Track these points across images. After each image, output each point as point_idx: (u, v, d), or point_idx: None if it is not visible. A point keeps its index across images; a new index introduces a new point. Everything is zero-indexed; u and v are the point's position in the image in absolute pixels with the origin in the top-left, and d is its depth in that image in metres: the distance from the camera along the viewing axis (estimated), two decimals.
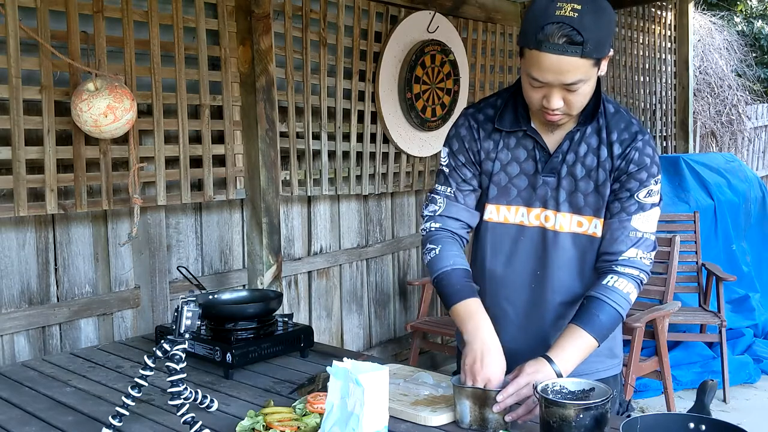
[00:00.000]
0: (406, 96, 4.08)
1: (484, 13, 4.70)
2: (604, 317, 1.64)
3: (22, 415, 1.82)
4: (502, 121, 1.76)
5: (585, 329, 1.63)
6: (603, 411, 1.45)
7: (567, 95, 1.58)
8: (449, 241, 1.82)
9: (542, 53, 1.51)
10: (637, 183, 1.67)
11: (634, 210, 1.68)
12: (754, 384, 4.46)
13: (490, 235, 1.81)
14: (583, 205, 1.71)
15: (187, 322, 1.61)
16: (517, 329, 1.80)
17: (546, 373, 1.59)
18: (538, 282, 1.77)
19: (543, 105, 1.61)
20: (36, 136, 2.62)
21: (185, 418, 1.59)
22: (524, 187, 1.75)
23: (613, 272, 1.68)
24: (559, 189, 1.72)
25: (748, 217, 5.59)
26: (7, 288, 2.70)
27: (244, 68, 3.23)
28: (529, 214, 1.75)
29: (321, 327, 3.96)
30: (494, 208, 1.79)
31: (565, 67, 1.52)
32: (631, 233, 1.68)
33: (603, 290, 1.66)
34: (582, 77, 1.54)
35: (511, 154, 1.76)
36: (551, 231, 1.73)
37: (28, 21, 2.56)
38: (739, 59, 9.78)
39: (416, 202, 4.59)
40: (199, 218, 3.35)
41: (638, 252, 1.68)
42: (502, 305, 1.81)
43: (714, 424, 1.41)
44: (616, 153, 1.68)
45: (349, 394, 1.44)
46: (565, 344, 1.63)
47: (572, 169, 1.71)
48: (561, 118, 1.64)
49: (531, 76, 1.58)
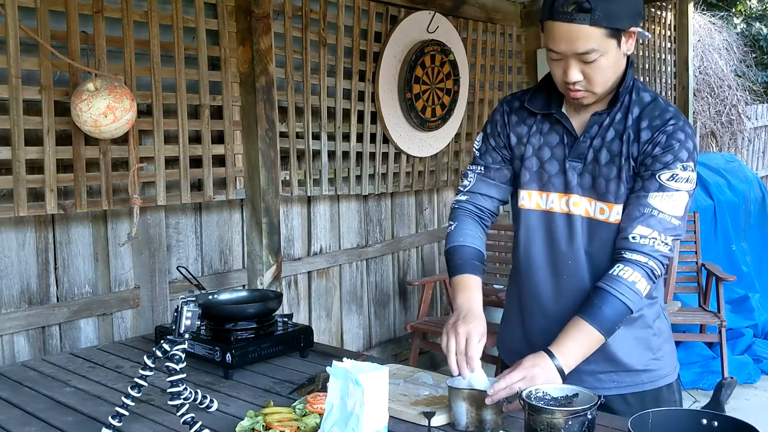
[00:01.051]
0: (406, 96, 4.08)
1: (484, 13, 4.70)
2: (607, 309, 1.59)
3: (22, 415, 1.82)
4: (533, 102, 1.78)
5: (588, 322, 1.60)
6: (592, 417, 1.44)
7: (585, 68, 1.59)
8: (467, 218, 1.85)
9: (554, 22, 1.56)
10: (661, 165, 1.62)
11: (654, 189, 1.62)
12: (754, 384, 4.47)
13: (523, 222, 1.81)
14: (605, 191, 1.68)
15: (187, 322, 1.61)
16: (547, 319, 1.77)
17: (545, 368, 1.57)
18: (570, 271, 1.74)
19: (564, 80, 1.63)
20: (36, 136, 2.62)
21: (185, 418, 1.59)
22: (555, 172, 1.74)
23: (622, 259, 1.62)
24: (584, 174, 1.70)
25: (748, 217, 5.59)
26: (7, 288, 2.70)
27: (244, 68, 3.23)
28: (560, 200, 1.74)
29: (321, 327, 3.96)
30: (526, 194, 1.79)
31: (575, 35, 1.54)
32: (645, 209, 1.61)
33: (608, 280, 1.61)
34: (594, 47, 1.55)
35: (543, 138, 1.77)
36: (577, 216, 1.72)
37: (28, 21, 2.55)
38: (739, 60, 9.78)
39: (416, 202, 4.59)
40: (198, 218, 3.35)
41: (650, 231, 1.60)
42: (534, 294, 1.80)
43: (726, 421, 1.40)
44: (644, 138, 1.65)
45: (349, 394, 1.44)
46: (567, 338, 1.61)
47: (598, 155, 1.69)
48: (584, 95, 1.64)
49: (549, 48, 1.61)
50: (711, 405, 1.59)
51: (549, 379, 1.57)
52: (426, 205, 4.67)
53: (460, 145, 4.62)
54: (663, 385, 1.78)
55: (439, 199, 4.78)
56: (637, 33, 1.60)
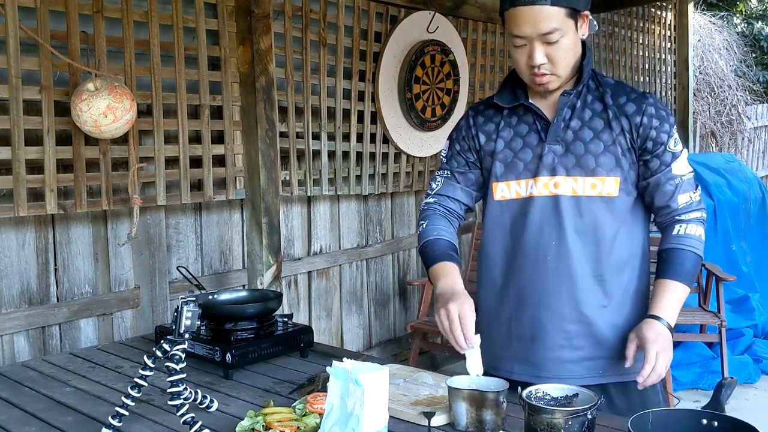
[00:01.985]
0: (406, 96, 4.08)
1: (484, 13, 4.70)
2: (688, 263, 1.73)
3: (22, 415, 1.82)
4: (501, 97, 1.84)
5: (675, 279, 1.72)
6: (592, 417, 1.44)
7: (548, 50, 1.67)
8: (437, 215, 1.91)
9: (517, 8, 1.65)
10: (665, 134, 1.74)
11: (670, 160, 1.75)
12: (754, 384, 4.46)
13: (506, 215, 1.83)
14: (595, 166, 1.74)
15: (187, 322, 1.61)
16: (533, 306, 1.79)
17: (665, 335, 1.65)
18: (555, 253, 1.76)
19: (529, 65, 1.70)
20: (36, 136, 2.62)
21: (185, 418, 1.59)
22: (530, 159, 1.79)
23: (679, 221, 1.77)
24: (567, 154, 1.75)
25: (748, 217, 5.59)
26: (7, 288, 2.70)
27: (244, 68, 3.23)
28: (537, 184, 1.77)
29: (321, 327, 3.96)
30: (504, 185, 1.82)
31: (538, 16, 1.63)
32: (676, 180, 1.75)
33: (678, 239, 1.75)
34: (557, 26, 1.64)
35: (513, 131, 1.83)
36: (562, 196, 1.75)
37: (28, 21, 2.55)
38: (739, 59, 9.78)
39: (416, 202, 4.59)
40: (198, 218, 3.35)
41: (689, 195, 1.77)
42: (520, 283, 1.81)
43: (726, 421, 1.40)
44: (630, 111, 1.74)
45: (349, 394, 1.44)
46: (664, 299, 1.71)
47: (579, 134, 1.76)
48: (549, 79, 1.72)
49: (512, 35, 1.69)
50: (711, 405, 1.58)
51: (671, 344, 1.68)
52: None
53: None
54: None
55: None
56: (589, 19, 1.73)
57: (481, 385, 1.62)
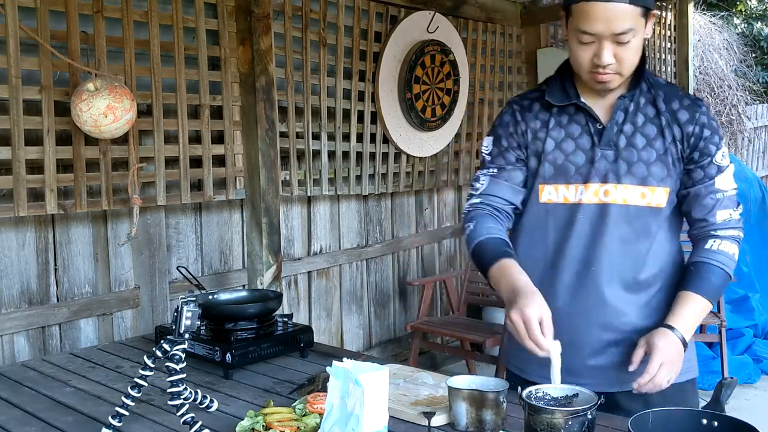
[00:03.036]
0: (406, 96, 4.08)
1: (484, 13, 4.70)
2: (715, 279, 1.67)
3: (22, 415, 1.82)
4: (552, 95, 1.76)
5: (698, 293, 1.66)
6: (592, 417, 1.44)
7: (617, 50, 1.59)
8: (485, 215, 1.79)
9: (591, 3, 1.55)
10: (714, 146, 1.69)
11: (715, 173, 1.70)
12: (754, 384, 4.47)
13: (551, 218, 1.76)
14: (647, 175, 1.69)
15: (187, 323, 1.61)
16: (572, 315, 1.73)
17: (677, 347, 1.60)
18: (598, 261, 1.71)
19: (594, 63, 1.62)
20: (36, 136, 2.62)
21: (185, 419, 1.59)
22: (582, 163, 1.72)
23: (714, 236, 1.70)
24: (618, 161, 1.69)
25: (748, 217, 5.58)
26: (7, 288, 2.70)
27: (244, 68, 3.23)
28: (587, 191, 1.71)
29: (321, 327, 3.96)
30: (552, 188, 1.75)
31: (615, 14, 1.54)
32: (718, 195, 1.70)
33: (709, 254, 1.69)
34: (631, 26, 1.56)
35: (564, 131, 1.75)
36: (612, 205, 1.70)
37: (28, 21, 2.55)
38: (739, 60, 9.78)
39: (416, 202, 4.59)
40: (198, 218, 3.35)
41: (730, 212, 1.71)
42: (559, 290, 1.74)
43: (726, 421, 1.40)
44: (683, 119, 1.69)
45: (349, 394, 1.44)
46: (682, 311, 1.65)
47: (632, 140, 1.70)
48: (612, 78, 1.64)
49: (581, 30, 1.59)
50: (711, 405, 1.59)
51: (681, 358, 1.62)
52: (426, 205, 4.67)
53: (460, 145, 4.62)
54: (687, 380, 1.76)
55: (439, 199, 4.78)
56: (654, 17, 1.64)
57: (481, 385, 1.62)
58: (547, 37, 5.16)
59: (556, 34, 5.37)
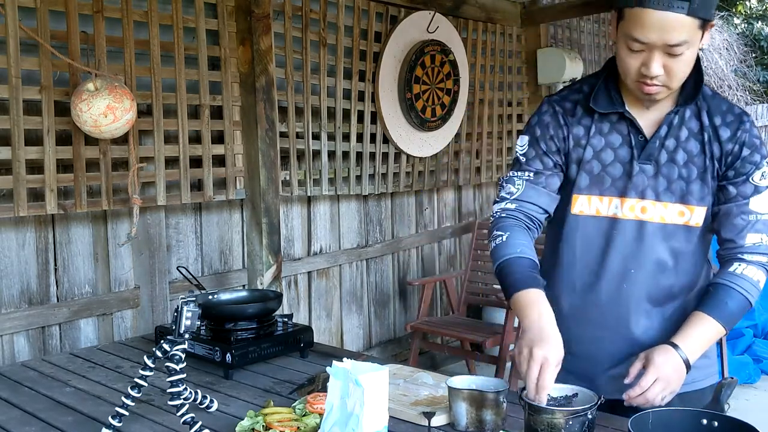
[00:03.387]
0: (406, 96, 4.07)
1: (484, 13, 4.70)
2: (732, 304, 1.58)
3: (22, 415, 1.82)
4: (597, 101, 1.65)
5: (712, 316, 1.57)
6: (592, 417, 1.44)
7: (668, 61, 1.50)
8: (519, 228, 1.68)
9: (646, 10, 1.45)
10: (752, 166, 1.60)
11: (751, 193, 1.61)
12: (754, 384, 4.47)
13: (581, 231, 1.68)
14: (686, 193, 1.62)
15: (187, 323, 1.61)
16: (600, 329, 1.69)
17: (677, 366, 1.53)
18: (632, 280, 1.65)
19: (642, 73, 1.52)
20: (36, 136, 2.62)
21: (185, 419, 1.58)
22: (619, 175, 1.64)
23: (740, 260, 1.62)
24: (658, 177, 1.62)
25: None
26: (7, 288, 2.70)
27: (244, 68, 3.23)
28: (623, 206, 1.63)
29: (321, 327, 3.96)
30: (585, 199, 1.67)
31: (670, 24, 1.44)
32: (750, 216, 1.61)
33: (731, 277, 1.61)
34: (686, 38, 1.46)
35: (604, 140, 1.65)
36: (649, 223, 1.63)
37: (28, 21, 2.55)
38: (739, 60, 9.78)
39: (416, 202, 4.59)
40: (198, 218, 3.35)
41: (761, 236, 1.61)
42: (587, 305, 1.69)
43: (726, 421, 1.40)
44: (724, 137, 1.60)
45: (349, 394, 1.44)
46: (691, 330, 1.57)
47: (673, 155, 1.61)
48: (660, 90, 1.55)
49: (632, 38, 1.49)
50: (711, 405, 1.58)
51: (680, 377, 1.54)
52: (426, 205, 4.67)
53: (460, 145, 4.62)
54: (707, 386, 1.73)
55: (439, 199, 4.78)
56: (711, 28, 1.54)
57: (481, 385, 1.62)
58: (547, 37, 5.16)
59: (556, 34, 5.37)
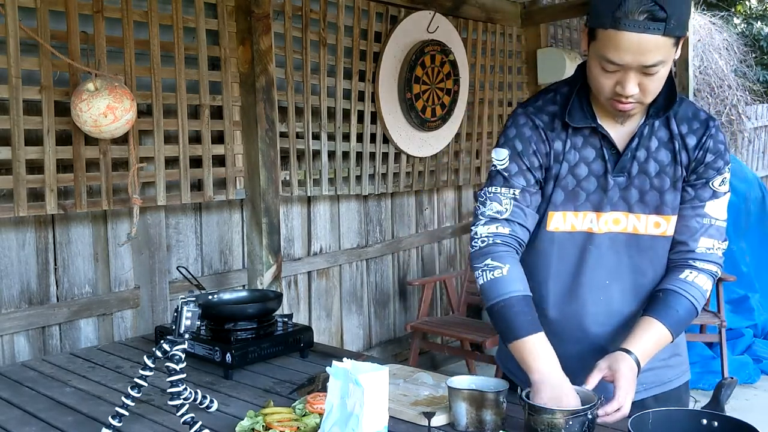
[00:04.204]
0: (406, 96, 4.08)
1: (484, 13, 4.70)
2: (682, 311, 1.58)
3: (22, 415, 1.82)
4: (572, 116, 1.60)
5: (662, 322, 1.56)
6: (592, 417, 1.44)
7: (643, 80, 1.46)
8: (514, 259, 1.61)
9: (620, 32, 1.40)
10: (714, 171, 1.59)
11: (708, 197, 1.60)
12: (754, 384, 4.47)
13: (557, 248, 1.65)
14: (661, 203, 1.60)
15: (187, 323, 1.61)
16: (579, 343, 1.67)
17: (634, 370, 1.51)
18: (608, 293, 1.64)
19: (616, 92, 1.49)
20: (36, 136, 2.62)
21: (185, 419, 1.58)
22: (593, 190, 1.61)
23: (691, 267, 1.61)
24: (630, 189, 1.60)
25: (748, 217, 5.59)
26: (6, 288, 2.70)
27: (244, 68, 3.23)
28: (599, 220, 1.61)
29: (321, 327, 3.96)
30: (561, 216, 1.63)
31: (646, 47, 1.40)
32: (705, 220, 1.60)
33: (682, 284, 1.59)
34: (662, 58, 1.43)
35: (578, 154, 1.61)
36: (623, 234, 1.61)
37: (28, 21, 2.55)
38: (739, 60, 9.78)
39: (416, 203, 4.59)
40: (199, 218, 3.35)
41: (713, 242, 1.60)
42: (565, 319, 1.68)
43: (726, 421, 1.40)
44: (691, 144, 1.58)
45: (349, 394, 1.44)
46: (642, 335, 1.56)
47: (644, 167, 1.59)
48: (633, 107, 1.52)
49: (606, 59, 1.45)
50: (711, 405, 1.58)
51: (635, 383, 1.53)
52: (426, 205, 4.67)
53: (460, 145, 4.62)
54: (682, 384, 1.75)
55: (439, 199, 4.78)
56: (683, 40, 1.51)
57: (481, 385, 1.62)
58: (547, 37, 5.16)
59: (556, 34, 5.37)
